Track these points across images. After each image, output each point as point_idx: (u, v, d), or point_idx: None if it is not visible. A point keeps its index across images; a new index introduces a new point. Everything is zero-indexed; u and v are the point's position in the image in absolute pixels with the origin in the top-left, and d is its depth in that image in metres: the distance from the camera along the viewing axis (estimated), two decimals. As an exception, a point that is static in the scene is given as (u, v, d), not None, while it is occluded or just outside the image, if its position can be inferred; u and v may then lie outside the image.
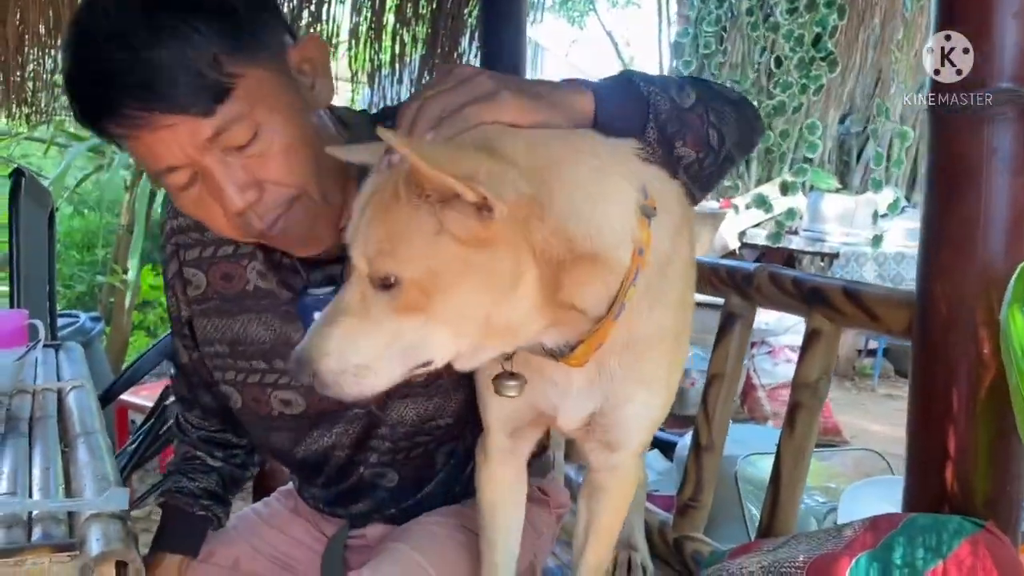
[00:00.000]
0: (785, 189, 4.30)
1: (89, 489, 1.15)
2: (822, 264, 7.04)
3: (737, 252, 7.36)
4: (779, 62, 2.10)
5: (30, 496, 1.14)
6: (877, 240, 2.53)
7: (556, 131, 0.89)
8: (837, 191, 7.33)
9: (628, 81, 0.96)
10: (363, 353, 0.85)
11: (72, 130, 4.43)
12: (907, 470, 1.20)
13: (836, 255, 6.15)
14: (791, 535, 1.26)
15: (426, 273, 0.82)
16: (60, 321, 3.35)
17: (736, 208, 4.92)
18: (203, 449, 1.41)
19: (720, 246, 6.86)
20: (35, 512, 1.08)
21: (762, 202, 2.75)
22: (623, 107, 0.94)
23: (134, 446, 2.51)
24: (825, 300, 1.37)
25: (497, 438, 1.12)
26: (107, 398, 2.64)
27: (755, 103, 2.57)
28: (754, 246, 6.97)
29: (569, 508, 1.46)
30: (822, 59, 2.01)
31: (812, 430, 1.39)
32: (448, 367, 0.91)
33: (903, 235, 6.01)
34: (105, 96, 0.98)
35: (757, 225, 6.44)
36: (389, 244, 0.83)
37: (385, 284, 0.84)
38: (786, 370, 4.43)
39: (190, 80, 0.96)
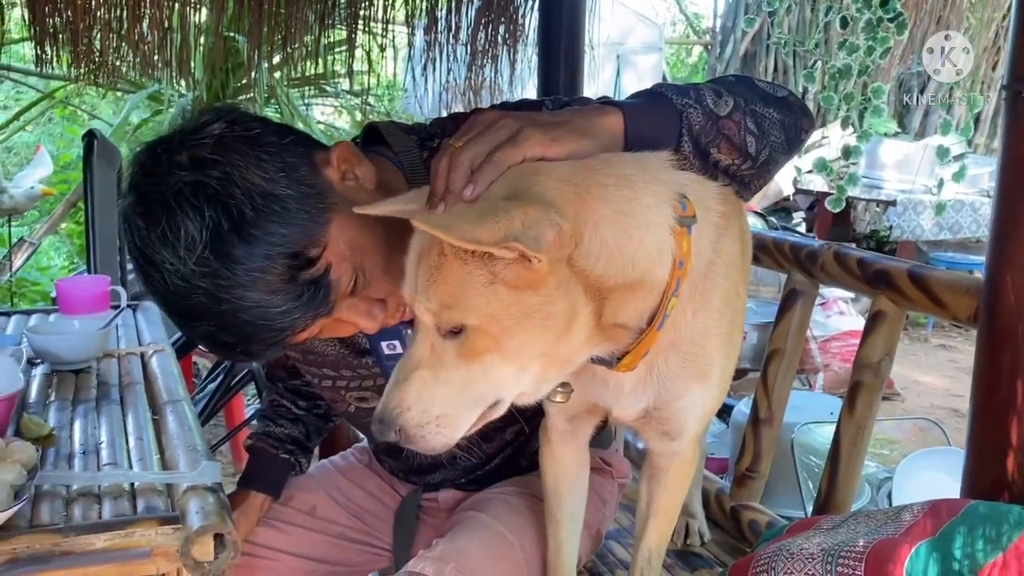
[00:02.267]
0: (846, 124, 4.19)
1: (183, 460, 1.23)
2: (877, 210, 6.92)
3: (791, 198, 7.27)
4: (845, 22, 2.06)
5: (130, 466, 1.22)
6: (959, 174, 2.47)
7: (585, 161, 0.91)
8: (895, 135, 7.16)
9: (660, 96, 0.98)
10: (441, 402, 0.91)
11: (131, 78, 4.49)
12: (967, 455, 1.22)
13: (893, 203, 6.04)
14: (849, 514, 1.29)
15: (488, 319, 0.87)
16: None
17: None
18: (288, 399, 1.50)
19: (774, 192, 6.79)
20: (137, 484, 1.16)
21: (823, 167, 2.72)
22: (655, 123, 0.96)
23: (205, 400, 2.62)
24: (890, 282, 1.38)
25: (557, 422, 1.18)
26: (181, 351, 2.74)
27: (819, 65, 2.53)
28: (808, 192, 6.87)
29: (630, 477, 1.52)
30: (890, 20, 1.96)
31: (872, 410, 1.41)
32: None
33: (962, 182, 5.86)
34: (235, 353, 1.10)
35: (810, 171, 6.33)
36: (450, 298, 0.88)
37: (453, 332, 0.89)
38: (838, 322, 4.41)
39: (298, 307, 1.03)
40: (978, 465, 1.21)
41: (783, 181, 6.44)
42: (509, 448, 1.36)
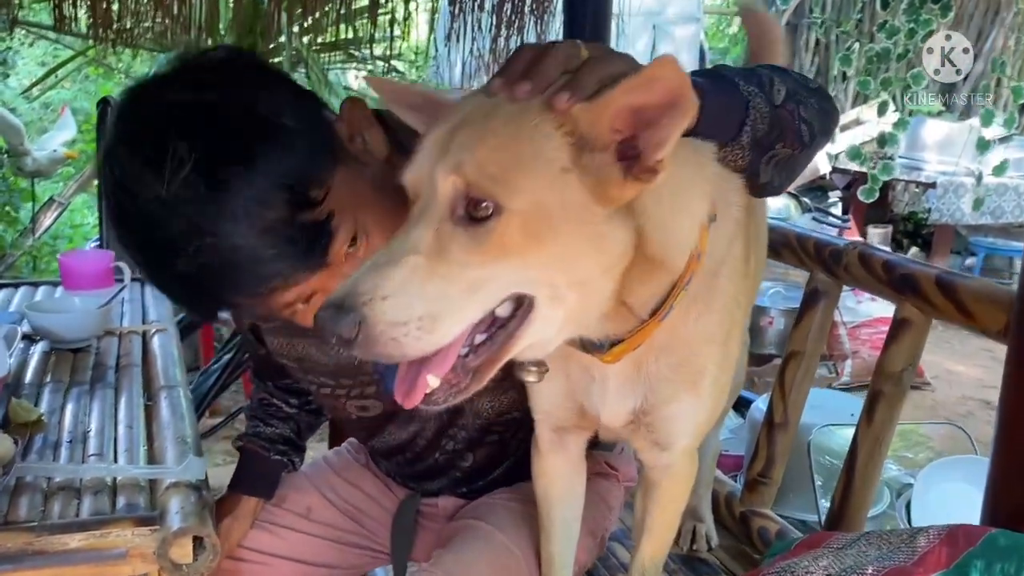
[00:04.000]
0: (883, 110, 4.05)
1: (170, 452, 1.20)
2: (917, 191, 6.73)
3: (827, 177, 7.10)
4: (886, 3, 1.95)
5: (115, 458, 1.19)
6: (1000, 168, 2.36)
7: None
8: (939, 114, 6.94)
9: (730, 82, 0.87)
10: (431, 301, 0.73)
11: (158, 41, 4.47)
12: (989, 480, 1.15)
13: (933, 185, 5.86)
14: (862, 533, 1.23)
15: (536, 208, 0.73)
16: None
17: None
18: (279, 397, 1.43)
19: (810, 171, 6.61)
20: (119, 478, 1.13)
21: (856, 155, 2.60)
22: (725, 109, 0.85)
23: (218, 372, 2.60)
24: (916, 289, 1.30)
25: (543, 432, 1.12)
26: (192, 325, 2.73)
27: (856, 47, 2.41)
28: (845, 171, 6.69)
29: (637, 480, 1.47)
30: (934, 2, 1.84)
31: (893, 422, 1.34)
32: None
33: (1004, 175, 5.66)
34: (211, 302, 0.97)
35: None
36: (499, 166, 0.73)
37: (474, 217, 0.74)
38: (868, 308, 4.29)
39: (291, 252, 0.91)
40: (1001, 491, 1.14)
41: (819, 159, 6.27)
42: (511, 459, 1.30)
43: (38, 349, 1.58)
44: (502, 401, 1.23)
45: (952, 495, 1.74)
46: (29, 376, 1.47)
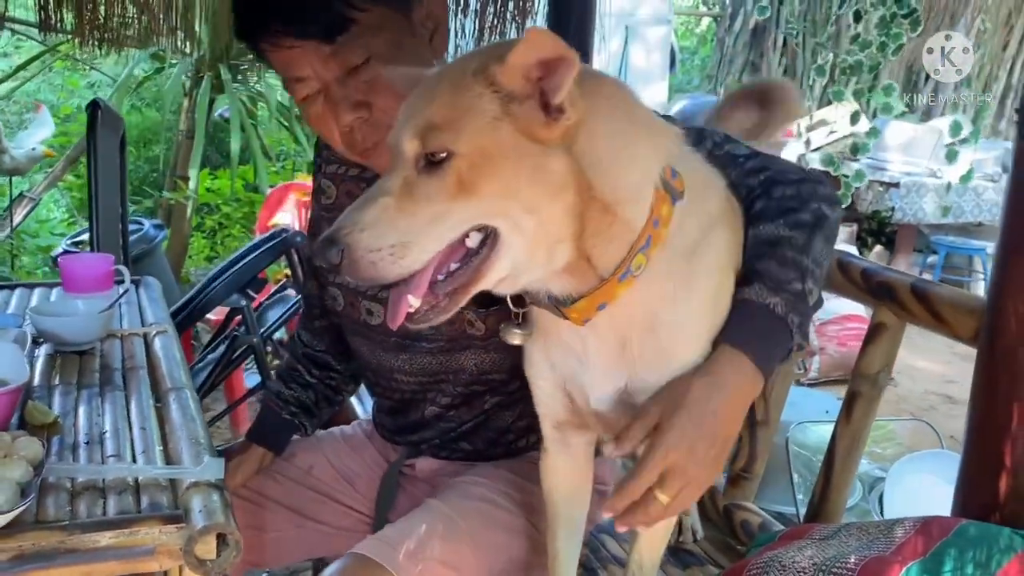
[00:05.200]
0: (855, 119, 4.17)
1: (186, 453, 1.24)
2: (880, 190, 6.90)
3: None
4: (858, 16, 2.04)
5: (133, 459, 1.24)
6: (966, 177, 2.48)
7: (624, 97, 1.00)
8: (902, 115, 7.10)
9: (769, 315, 1.02)
10: (400, 232, 0.89)
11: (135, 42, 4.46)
12: (961, 475, 1.24)
13: (896, 185, 6.02)
14: (842, 524, 1.31)
15: (480, 151, 0.89)
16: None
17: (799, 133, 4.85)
18: (303, 365, 1.58)
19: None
20: (141, 478, 1.17)
21: (830, 162, 2.70)
22: (778, 345, 1.04)
23: (206, 371, 2.63)
24: (893, 296, 1.38)
25: (547, 429, 1.20)
26: (181, 326, 2.75)
27: (831, 57, 2.51)
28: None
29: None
30: (904, 16, 1.93)
31: (869, 420, 1.43)
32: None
33: (967, 167, 5.84)
34: (259, 17, 1.19)
35: (817, 149, 6.30)
36: (446, 121, 0.90)
37: (432, 163, 0.89)
38: (835, 306, 4.41)
39: (319, 11, 1.14)
40: (971, 486, 1.22)
41: (789, 158, 6.39)
42: (483, 415, 1.39)
43: (43, 352, 1.61)
44: (484, 360, 1.33)
45: (921, 487, 1.83)
46: (38, 379, 1.50)
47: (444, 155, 0.89)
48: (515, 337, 1.10)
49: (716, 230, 1.05)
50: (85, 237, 3.55)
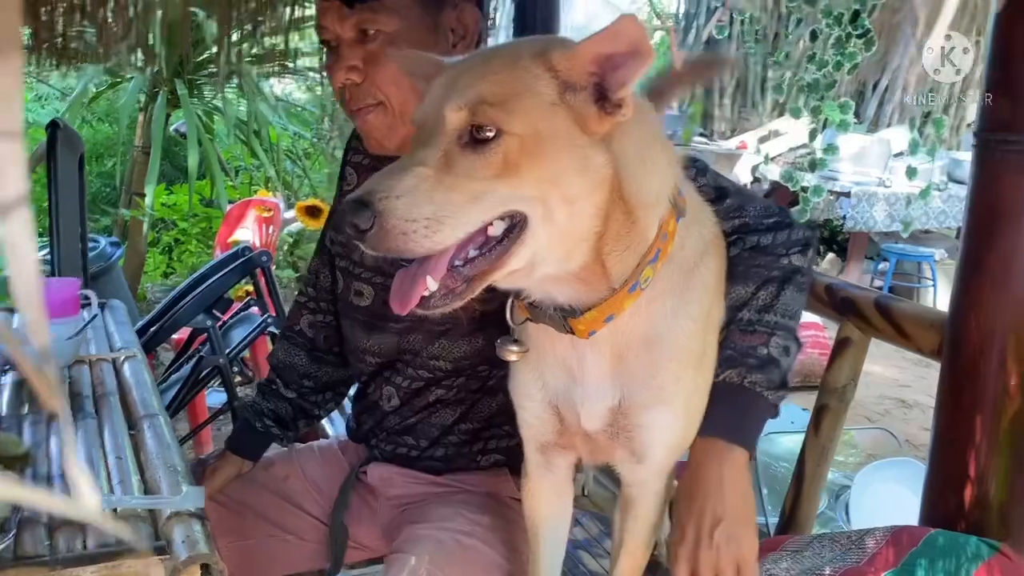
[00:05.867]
0: (813, 136, 4.26)
1: (164, 483, 1.23)
2: (832, 199, 7.05)
3: (749, 186, 7.37)
4: (814, 36, 2.10)
5: (111, 490, 1.22)
6: (924, 192, 2.56)
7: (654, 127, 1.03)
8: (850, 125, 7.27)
9: (745, 391, 1.09)
10: (437, 205, 0.85)
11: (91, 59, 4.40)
12: (926, 488, 1.28)
13: (847, 194, 6.16)
14: (814, 535, 1.34)
15: (533, 133, 0.88)
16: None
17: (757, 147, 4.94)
18: (281, 379, 1.61)
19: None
20: (120, 509, 1.16)
21: (790, 178, 2.77)
22: (757, 419, 1.12)
23: (171, 393, 2.60)
24: (857, 311, 1.43)
25: (530, 452, 1.21)
26: (146, 347, 2.71)
27: (788, 76, 2.58)
28: (763, 179, 6.96)
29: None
30: (858, 36, 2.00)
31: (836, 432, 1.47)
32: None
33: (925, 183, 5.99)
34: None
35: (771, 160, 6.43)
36: (499, 98, 0.88)
37: (477, 140, 0.87)
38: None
39: None
40: (937, 495, 1.27)
41: (742, 172, 6.52)
42: (426, 410, 1.44)
43: (8, 380, 1.58)
44: (454, 352, 1.37)
45: (885, 495, 1.88)
46: (6, 409, 1.47)
47: (491, 133, 0.87)
48: (511, 354, 1.10)
49: (710, 253, 1.09)
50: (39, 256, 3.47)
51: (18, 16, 0.28)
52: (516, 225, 0.91)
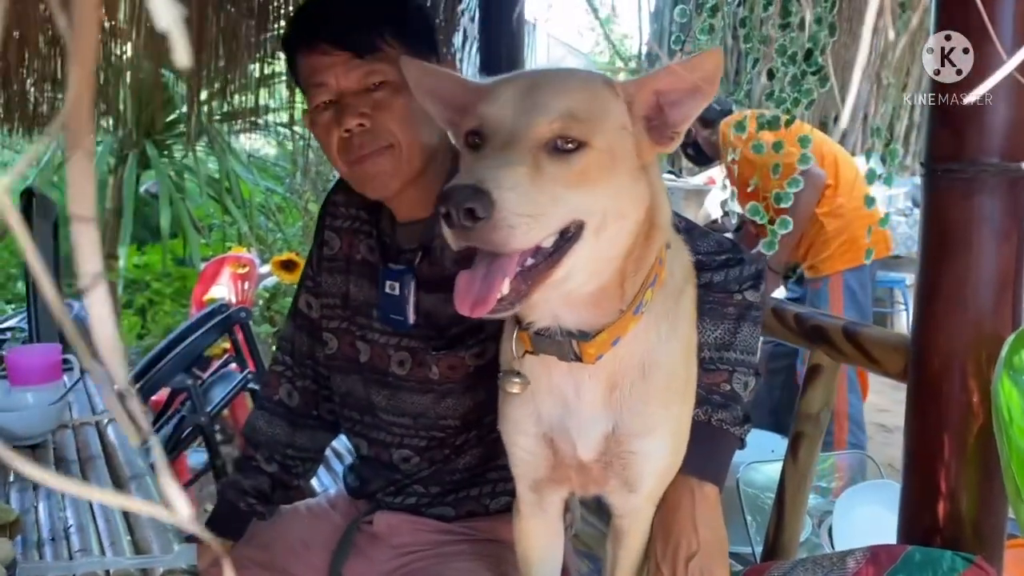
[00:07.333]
0: (776, 170, 4.33)
1: (155, 542, 1.25)
2: (799, 228, 7.16)
3: (719, 221, 7.48)
4: (771, 74, 2.18)
5: (102, 552, 1.23)
6: (883, 221, 2.63)
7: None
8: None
9: (714, 429, 1.18)
10: (535, 204, 0.88)
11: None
12: (902, 504, 1.32)
13: (814, 222, 6.26)
14: (797, 560, 1.37)
15: (608, 149, 0.95)
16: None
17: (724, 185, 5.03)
18: (261, 452, 1.58)
19: (703, 216, 6.97)
20: (112, 570, 1.17)
21: (756, 212, 2.84)
22: (728, 453, 1.21)
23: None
24: (826, 338, 1.47)
25: (523, 491, 1.22)
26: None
27: (747, 112, 2.65)
28: (733, 212, 7.07)
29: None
30: (813, 74, 2.08)
31: (814, 458, 1.50)
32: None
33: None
34: (310, 28, 1.33)
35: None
36: (586, 115, 0.95)
37: (563, 150, 0.92)
38: (768, 344, 4.55)
39: (359, 35, 1.29)
40: (912, 512, 1.30)
41: (711, 205, 6.62)
42: (440, 463, 1.43)
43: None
44: (437, 408, 1.39)
45: (868, 518, 1.92)
46: (-8, 477, 1.48)
47: (572, 146, 0.93)
48: (515, 387, 1.11)
49: (689, 280, 1.16)
50: (12, 323, 3.46)
51: (91, 108, 0.34)
52: (570, 235, 0.94)
